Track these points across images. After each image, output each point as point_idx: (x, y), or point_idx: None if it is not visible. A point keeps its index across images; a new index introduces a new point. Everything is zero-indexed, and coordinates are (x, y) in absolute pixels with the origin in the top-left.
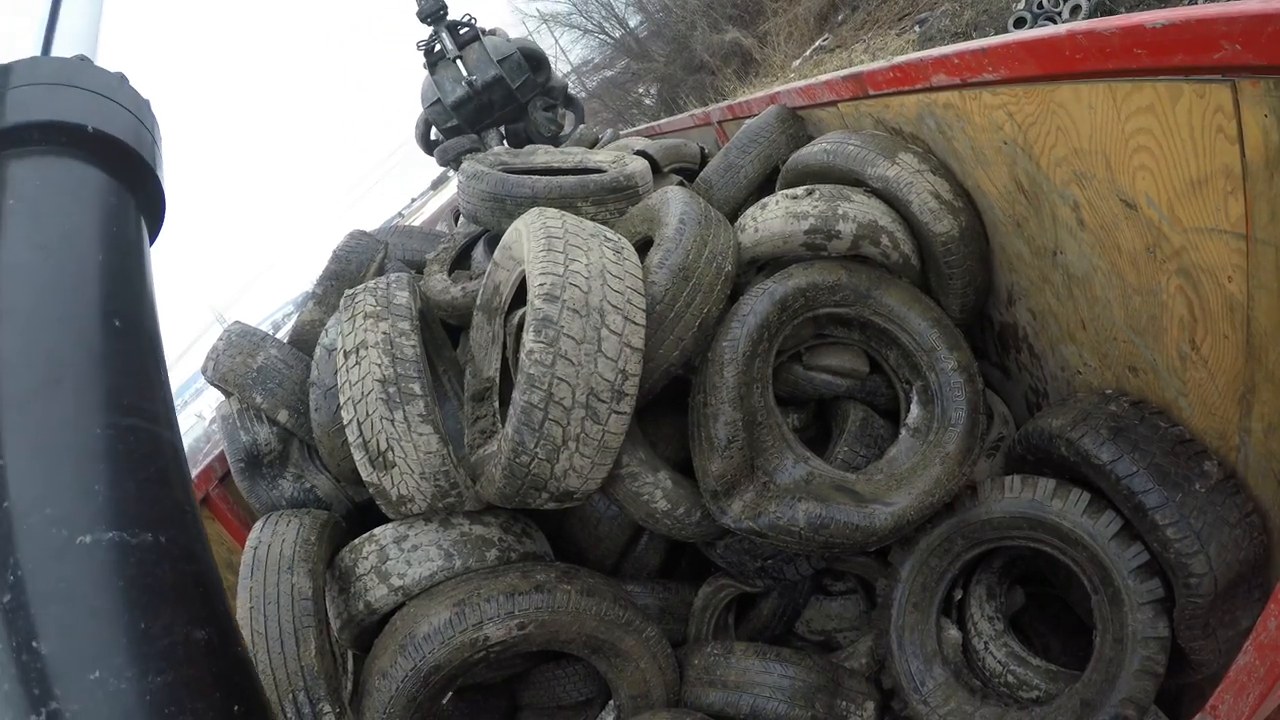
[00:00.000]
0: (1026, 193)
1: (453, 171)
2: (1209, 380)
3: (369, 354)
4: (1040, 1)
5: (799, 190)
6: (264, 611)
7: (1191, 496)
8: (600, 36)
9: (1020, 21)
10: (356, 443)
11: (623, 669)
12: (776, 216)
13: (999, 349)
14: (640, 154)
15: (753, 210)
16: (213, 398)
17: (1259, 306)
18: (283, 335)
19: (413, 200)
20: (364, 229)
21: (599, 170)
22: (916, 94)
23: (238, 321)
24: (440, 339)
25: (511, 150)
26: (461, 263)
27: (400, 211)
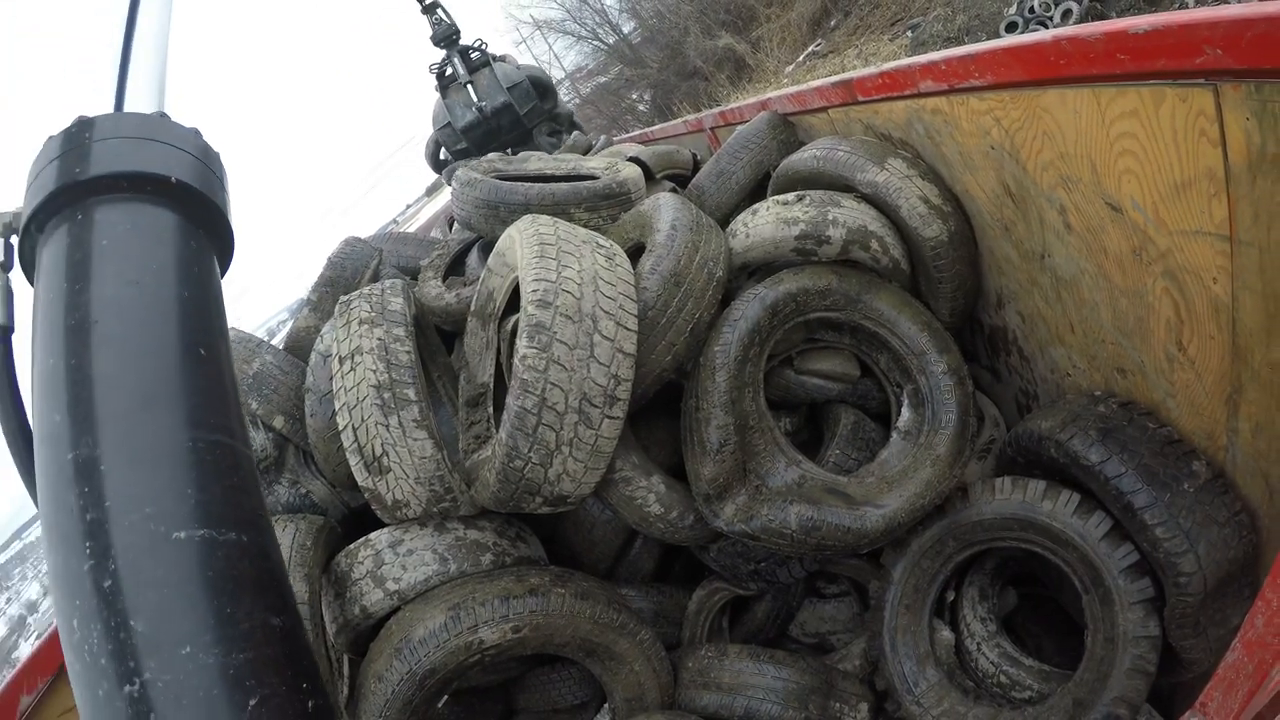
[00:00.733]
0: (1014, 197)
1: None
2: (1196, 381)
3: (364, 360)
4: (1032, 6)
5: (790, 196)
6: None
7: (1180, 496)
8: (594, 43)
9: (1012, 26)
10: (352, 448)
11: (617, 672)
12: (767, 222)
13: (989, 352)
14: (633, 160)
15: (744, 216)
16: None
17: (1244, 307)
18: (278, 341)
19: (407, 207)
20: (359, 236)
21: (592, 177)
22: (905, 100)
23: (233, 328)
24: (435, 345)
25: (505, 157)
26: (456, 269)
27: (395, 218)
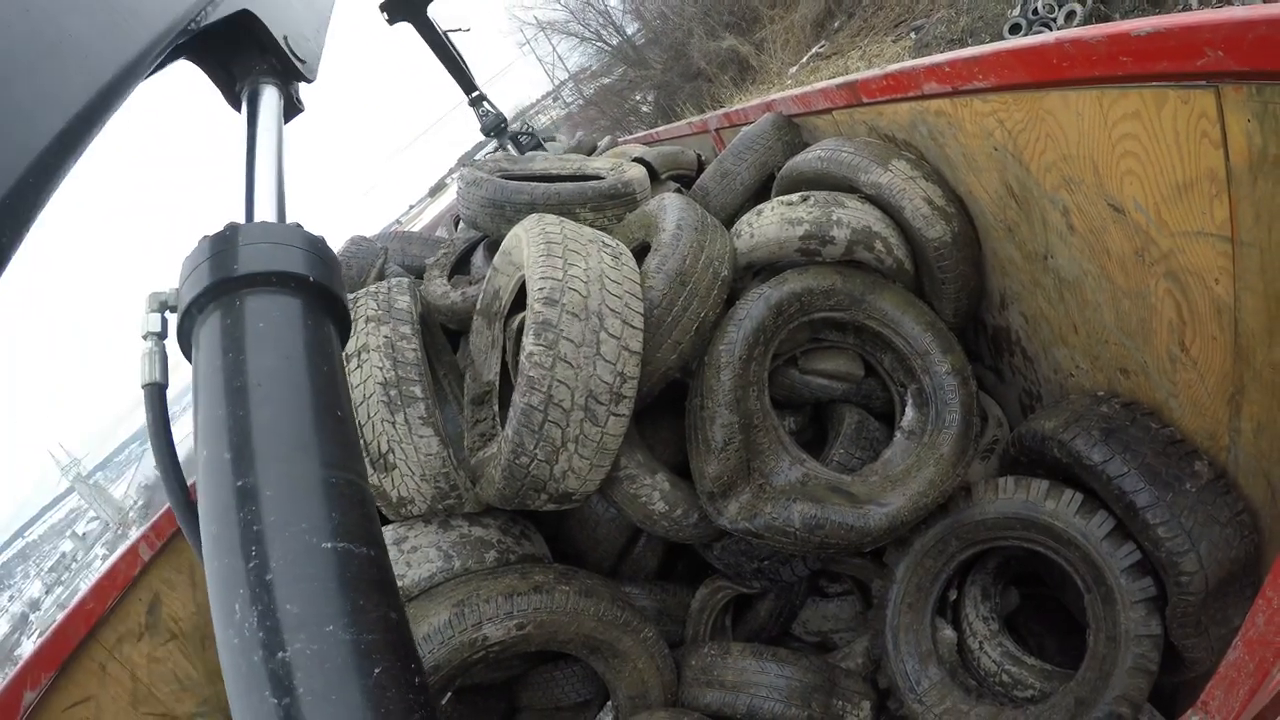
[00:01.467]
0: (1017, 198)
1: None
2: (1198, 381)
3: (370, 357)
4: (1035, 8)
5: (794, 197)
6: None
7: (1182, 496)
8: (597, 44)
9: (1016, 28)
10: None
11: (621, 669)
12: (772, 222)
13: (992, 352)
14: (638, 161)
15: (749, 216)
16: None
17: (1245, 308)
18: None
19: (410, 207)
20: (364, 234)
21: (597, 177)
22: (909, 101)
23: None
24: (440, 343)
25: (511, 156)
26: (461, 268)
27: (398, 218)
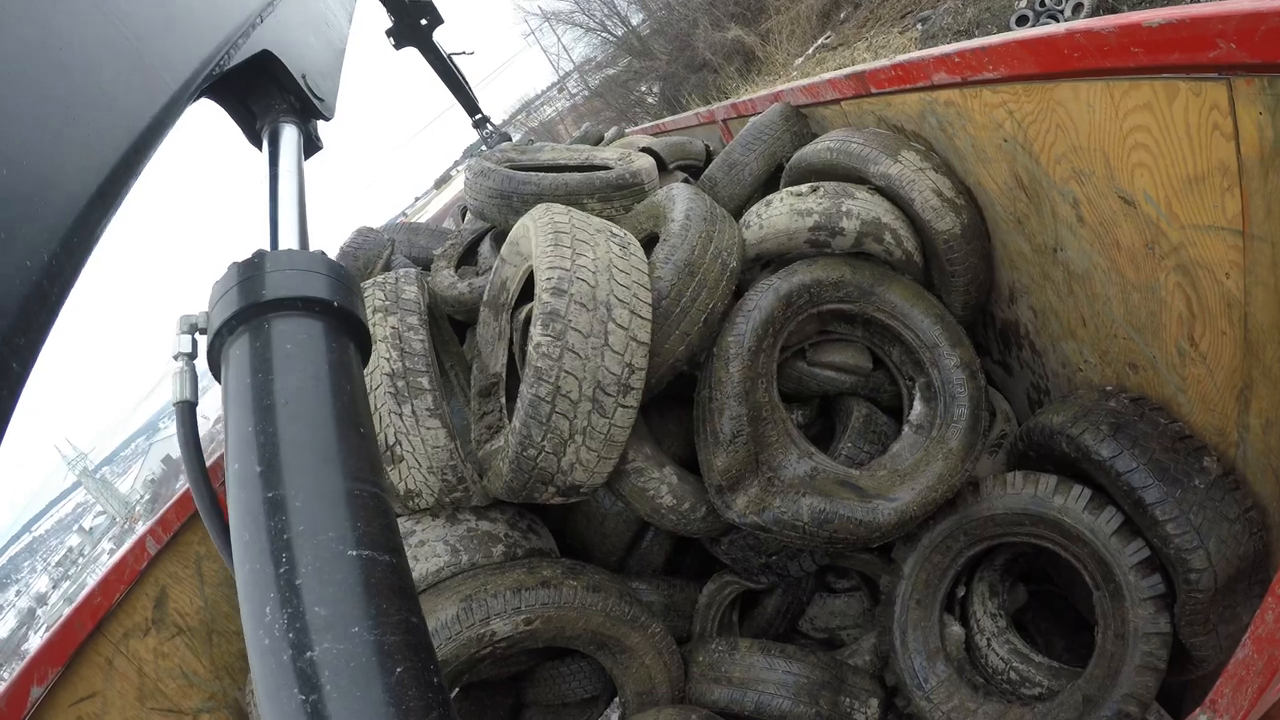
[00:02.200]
0: (1027, 190)
1: None
2: (1208, 376)
3: (378, 348)
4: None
5: (803, 188)
6: None
7: (1191, 492)
8: (602, 34)
9: (1022, 19)
10: None
11: (628, 665)
12: (781, 213)
13: (1001, 346)
14: (646, 151)
15: (757, 207)
16: (215, 395)
17: (1256, 302)
18: None
19: (416, 199)
20: (370, 225)
21: (605, 167)
22: (918, 92)
23: None
24: (447, 334)
25: (518, 147)
26: (468, 259)
27: (404, 210)
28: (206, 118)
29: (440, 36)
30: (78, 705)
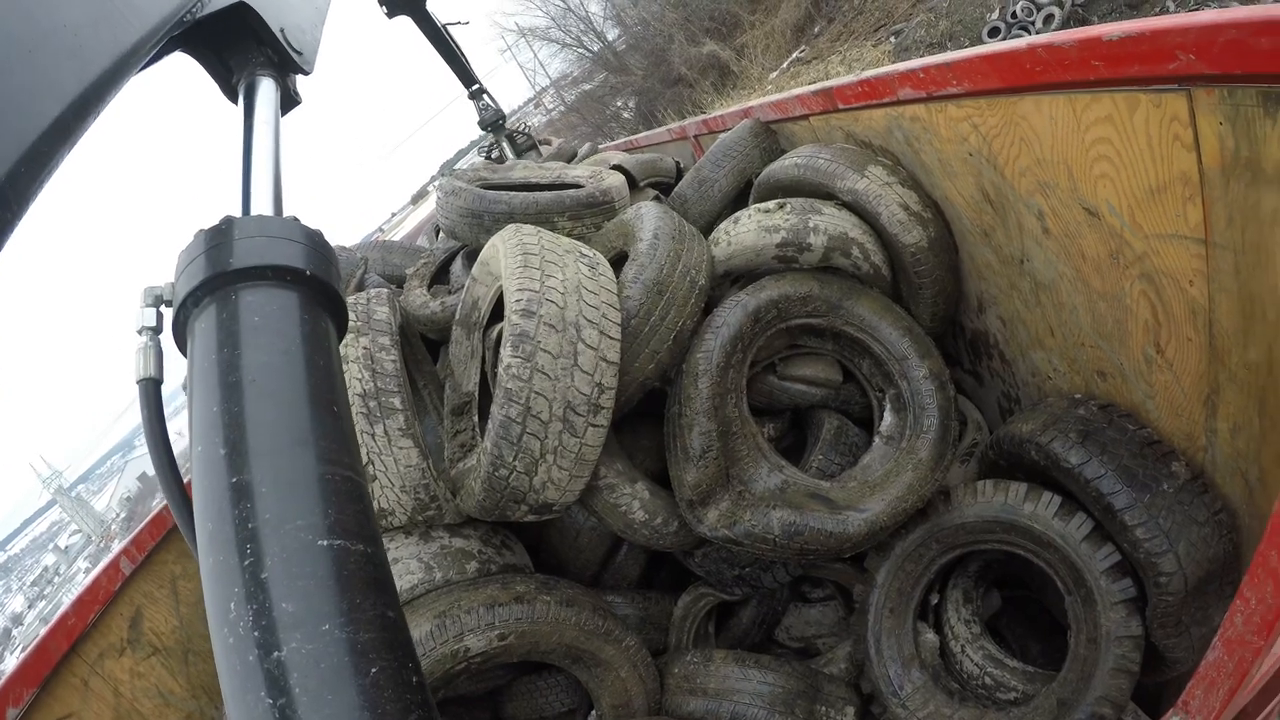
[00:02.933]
0: (993, 202)
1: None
2: (1174, 383)
3: (349, 368)
4: (1014, 11)
5: (771, 204)
6: None
7: (1160, 497)
8: (579, 50)
9: (994, 31)
10: None
11: (604, 678)
12: (749, 230)
13: (971, 356)
14: (617, 168)
15: (726, 224)
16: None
17: (1220, 309)
18: None
19: (392, 215)
20: (344, 244)
21: (576, 185)
22: (884, 107)
23: None
24: (420, 354)
25: (491, 165)
26: (441, 278)
27: (380, 226)
28: (204, 116)
29: (433, 6)
30: None
